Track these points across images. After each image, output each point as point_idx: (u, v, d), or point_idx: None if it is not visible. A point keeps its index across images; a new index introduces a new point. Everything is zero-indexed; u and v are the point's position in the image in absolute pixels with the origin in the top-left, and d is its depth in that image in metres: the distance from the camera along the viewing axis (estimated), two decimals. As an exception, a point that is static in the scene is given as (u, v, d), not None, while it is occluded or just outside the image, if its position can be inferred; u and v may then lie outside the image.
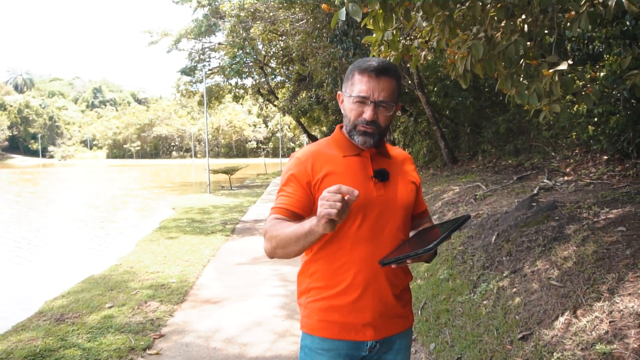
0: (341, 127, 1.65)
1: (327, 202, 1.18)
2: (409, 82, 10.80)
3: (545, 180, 6.23)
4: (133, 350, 3.73)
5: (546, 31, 3.48)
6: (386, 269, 1.52)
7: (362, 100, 1.51)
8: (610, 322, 2.64)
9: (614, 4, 2.75)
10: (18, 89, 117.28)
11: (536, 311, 3.12)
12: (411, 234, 1.68)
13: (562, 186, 5.71)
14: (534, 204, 4.78)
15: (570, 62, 7.37)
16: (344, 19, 2.90)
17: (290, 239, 1.35)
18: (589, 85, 3.08)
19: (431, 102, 11.65)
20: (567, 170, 6.71)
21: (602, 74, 6.03)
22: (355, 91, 1.52)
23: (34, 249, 9.53)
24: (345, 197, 1.19)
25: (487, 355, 3.05)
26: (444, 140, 11.20)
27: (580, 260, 3.29)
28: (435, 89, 12.51)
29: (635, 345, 2.41)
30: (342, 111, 1.61)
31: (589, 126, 6.39)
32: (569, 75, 3.11)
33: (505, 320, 3.24)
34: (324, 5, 3.26)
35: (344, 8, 2.89)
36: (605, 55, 6.00)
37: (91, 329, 4.11)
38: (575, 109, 6.89)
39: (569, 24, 3.11)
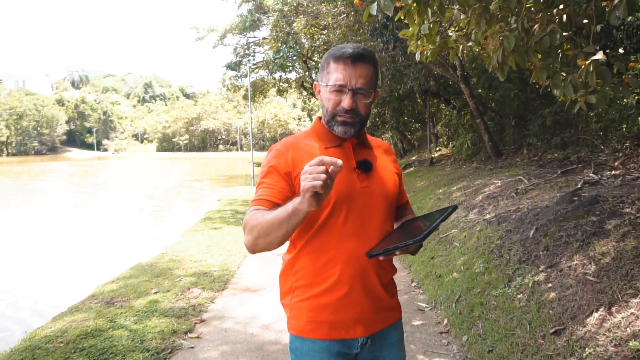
0: (320, 119, 1.59)
1: (310, 175, 1.13)
2: (452, 74, 10.63)
3: (590, 175, 6.03)
4: (175, 333, 3.93)
5: (585, 20, 3.38)
6: (374, 261, 1.46)
7: (340, 89, 1.45)
8: (645, 318, 2.59)
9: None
10: (75, 85, 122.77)
11: (570, 306, 3.08)
12: (395, 225, 1.63)
13: (608, 180, 5.53)
14: (576, 199, 4.66)
15: (621, 50, 7.06)
16: (374, 13, 2.94)
17: (273, 224, 1.27)
18: (625, 76, 2.99)
19: (475, 94, 11.43)
20: (615, 164, 6.47)
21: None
22: (331, 80, 1.46)
23: (90, 237, 10.09)
24: (329, 169, 1.14)
25: (518, 349, 3.05)
26: (488, 133, 10.97)
27: (619, 255, 3.22)
28: (480, 81, 12.25)
29: (671, 343, 2.37)
30: (320, 102, 1.54)
31: (639, 118, 6.14)
32: (606, 66, 3.03)
33: (539, 315, 3.22)
34: (356, 1, 3.31)
35: (375, 3, 2.92)
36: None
37: (138, 312, 4.36)
38: (630, 99, 6.62)
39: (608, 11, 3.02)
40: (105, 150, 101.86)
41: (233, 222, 9.60)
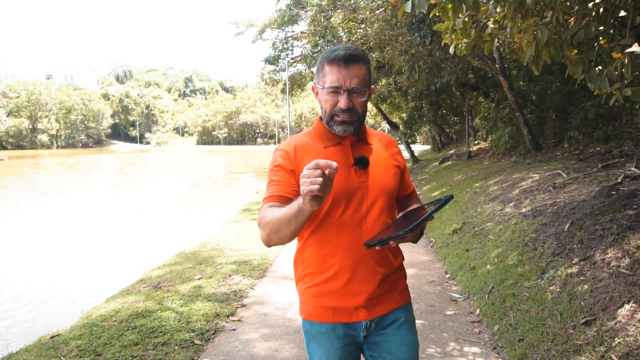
0: (321, 119, 1.66)
1: (308, 179, 1.20)
2: (491, 67, 10.52)
3: (632, 169, 5.93)
4: (218, 316, 4.18)
5: (623, 13, 3.38)
6: (373, 252, 1.57)
7: (335, 90, 1.53)
8: (676, 310, 2.62)
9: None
10: (119, 80, 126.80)
11: (602, 298, 3.13)
12: (400, 215, 1.69)
13: (650, 175, 5.43)
14: (614, 193, 4.63)
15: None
16: (409, 11, 3.05)
17: (282, 222, 1.36)
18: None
19: (515, 87, 11.26)
20: (659, 158, 6.32)
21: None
22: (327, 82, 1.54)
23: (137, 226, 10.58)
24: (326, 172, 1.21)
25: (548, 338, 3.12)
26: (527, 126, 10.81)
27: (654, 249, 3.23)
28: (520, 73, 12.05)
29: (700, 334, 2.40)
30: (319, 103, 1.62)
31: (685, 111, 5.97)
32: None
33: (570, 306, 3.27)
34: (392, 0, 3.41)
35: (410, 1, 3.03)
36: None
37: (183, 296, 4.63)
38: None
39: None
40: (148, 143, 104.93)
41: (271, 214, 9.86)
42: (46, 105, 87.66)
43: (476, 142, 17.89)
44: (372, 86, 1.62)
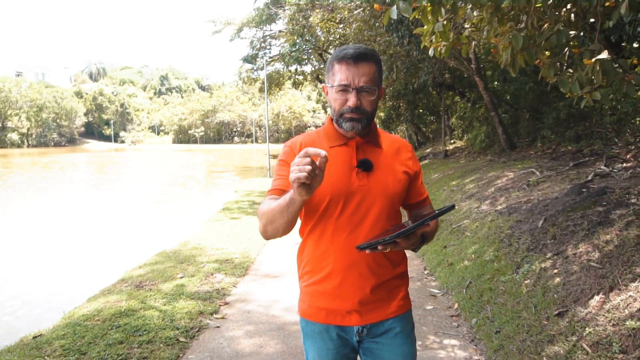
0: (332, 118, 1.66)
1: (297, 166, 1.23)
2: (467, 67, 10.74)
3: (602, 167, 6.17)
4: (202, 314, 4.21)
5: (592, 20, 3.54)
6: (367, 257, 1.56)
7: (344, 89, 1.52)
8: (642, 300, 2.78)
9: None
10: (92, 77, 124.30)
11: (574, 290, 3.28)
12: (408, 221, 1.64)
13: (619, 173, 5.66)
14: (584, 190, 4.83)
15: (636, 45, 7.12)
16: (395, 17, 3.14)
17: (275, 211, 1.41)
18: (628, 73, 3.15)
19: (490, 87, 11.52)
20: (628, 156, 6.58)
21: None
22: (336, 81, 1.54)
23: (114, 226, 10.46)
24: (317, 161, 1.23)
25: (524, 329, 3.26)
26: (502, 126, 11.07)
27: (622, 243, 3.39)
28: (495, 74, 12.33)
29: (664, 322, 2.56)
30: (328, 102, 1.62)
31: (651, 112, 6.24)
32: (611, 63, 3.19)
33: (544, 298, 3.42)
34: (375, 5, 3.51)
35: (395, 7, 3.12)
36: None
37: (166, 294, 4.65)
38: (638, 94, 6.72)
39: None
40: (123, 142, 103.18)
41: (251, 213, 9.89)
42: (16, 103, 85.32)
43: (452, 141, 18.19)
44: (382, 86, 1.61)
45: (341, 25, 14.25)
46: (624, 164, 6.22)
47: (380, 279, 1.60)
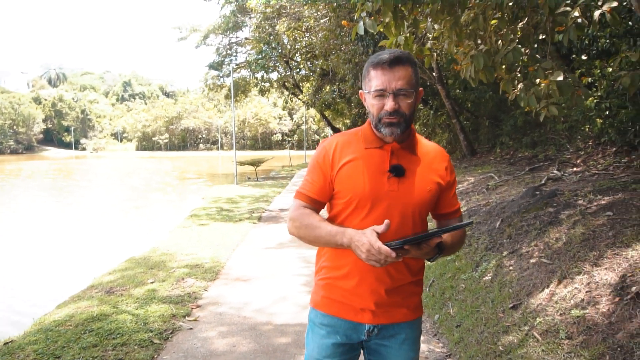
0: (370, 123, 1.67)
1: (373, 255, 1.40)
2: (429, 76, 11.13)
3: (554, 171, 6.56)
4: (175, 316, 4.29)
5: (542, 36, 3.84)
6: None
7: (381, 94, 1.53)
8: (586, 292, 3.05)
9: (597, 19, 3.13)
10: (52, 83, 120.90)
11: (527, 285, 3.54)
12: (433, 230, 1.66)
13: (569, 176, 6.05)
14: (537, 193, 5.15)
15: (584, 57, 7.56)
16: (362, 33, 3.34)
17: (317, 237, 1.58)
18: (577, 88, 3.45)
19: (451, 95, 11.96)
20: (578, 161, 7.01)
21: (610, 69, 6.31)
22: (373, 86, 1.55)
23: (80, 233, 10.31)
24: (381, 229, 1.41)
25: (482, 322, 3.50)
26: (464, 132, 11.51)
27: (569, 240, 3.69)
28: (456, 82, 12.79)
29: (605, 310, 2.83)
30: (367, 109, 1.63)
31: (598, 119, 6.68)
32: (567, 81, 3.47)
33: (500, 293, 3.67)
34: (344, 22, 3.71)
35: (362, 22, 3.32)
36: (613, 52, 6.28)
37: (138, 299, 4.70)
38: (588, 102, 7.18)
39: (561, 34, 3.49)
40: (84, 149, 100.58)
41: (220, 219, 9.93)
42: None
43: (416, 147, 18.65)
44: (421, 88, 1.62)
45: (307, 34, 14.48)
46: (574, 168, 6.63)
47: (396, 283, 1.62)
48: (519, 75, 3.84)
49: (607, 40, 6.03)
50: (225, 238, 7.82)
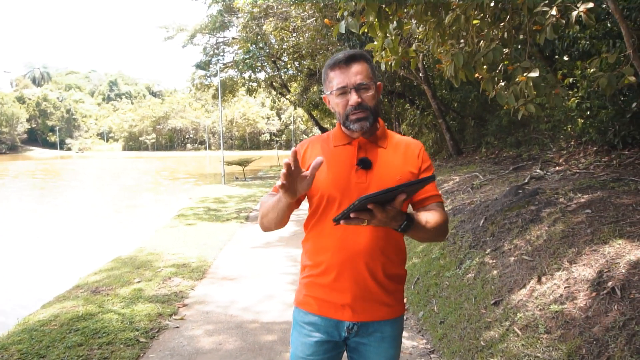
0: (340, 123, 1.71)
1: (284, 172, 1.40)
2: (416, 76, 11.22)
3: (537, 170, 6.67)
4: (161, 315, 4.30)
5: (522, 36, 3.92)
6: (365, 254, 1.60)
7: (344, 91, 1.59)
8: (565, 287, 3.13)
9: (574, 19, 3.22)
10: (36, 82, 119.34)
11: (508, 281, 3.61)
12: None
13: (552, 175, 6.15)
14: (520, 191, 5.24)
15: (565, 58, 7.69)
16: (343, 31, 3.38)
17: (269, 207, 1.60)
18: (556, 87, 3.53)
19: (438, 95, 12.07)
20: (560, 160, 7.13)
21: (591, 70, 6.43)
22: (334, 86, 1.61)
23: (64, 234, 10.22)
24: (310, 167, 1.40)
25: (465, 318, 3.56)
26: (450, 132, 11.62)
27: (549, 238, 3.77)
28: (442, 83, 12.92)
29: (582, 304, 2.90)
30: (332, 110, 1.69)
31: (579, 119, 6.80)
32: (542, 79, 3.56)
33: (483, 290, 3.74)
34: (326, 20, 3.75)
35: (343, 22, 3.37)
36: (593, 53, 6.40)
37: (124, 299, 4.69)
38: (570, 102, 7.30)
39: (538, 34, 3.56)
40: (69, 149, 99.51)
41: (207, 219, 9.92)
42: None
43: (403, 147, 18.77)
44: (379, 82, 1.67)
45: (294, 34, 14.50)
46: (557, 167, 6.74)
47: (375, 277, 1.62)
48: (499, 73, 3.91)
49: (587, 42, 6.15)
50: (212, 237, 7.82)
